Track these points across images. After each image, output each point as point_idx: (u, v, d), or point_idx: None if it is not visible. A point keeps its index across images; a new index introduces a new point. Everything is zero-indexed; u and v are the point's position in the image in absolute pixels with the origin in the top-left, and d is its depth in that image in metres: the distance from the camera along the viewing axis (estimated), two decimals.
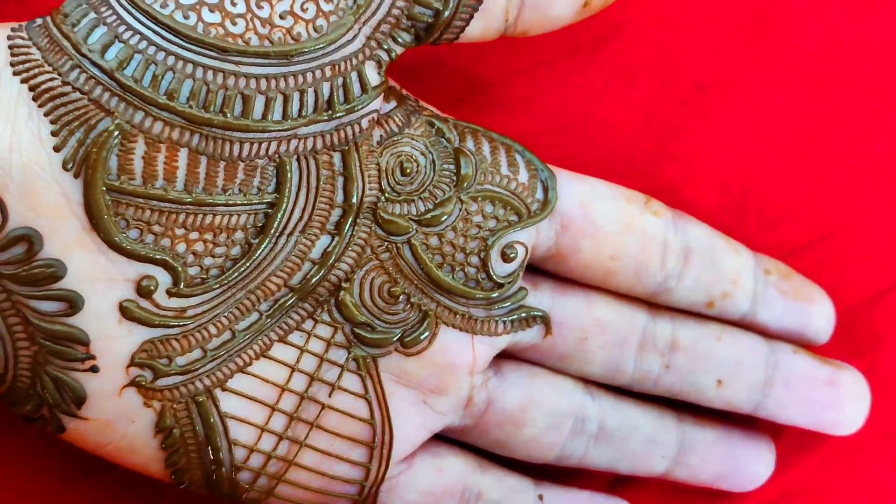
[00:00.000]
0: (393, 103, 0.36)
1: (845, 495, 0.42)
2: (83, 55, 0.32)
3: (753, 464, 0.40)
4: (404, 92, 0.37)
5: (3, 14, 0.35)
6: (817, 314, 0.39)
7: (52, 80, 0.32)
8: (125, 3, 0.33)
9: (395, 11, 0.34)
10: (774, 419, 0.39)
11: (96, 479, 0.40)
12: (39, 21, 0.33)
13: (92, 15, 0.33)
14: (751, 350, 0.39)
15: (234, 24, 0.33)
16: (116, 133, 0.32)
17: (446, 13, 0.35)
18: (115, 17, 0.33)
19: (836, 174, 0.42)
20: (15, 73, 0.32)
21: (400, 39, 0.35)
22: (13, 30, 0.33)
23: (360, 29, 0.34)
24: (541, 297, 0.38)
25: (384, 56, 0.35)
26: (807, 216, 0.42)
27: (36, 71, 0.32)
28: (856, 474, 0.42)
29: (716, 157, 0.41)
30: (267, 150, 0.34)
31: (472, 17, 0.35)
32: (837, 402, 0.39)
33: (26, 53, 0.33)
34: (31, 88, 0.32)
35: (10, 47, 0.33)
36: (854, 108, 0.42)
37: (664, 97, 0.41)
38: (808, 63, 0.42)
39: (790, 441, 0.41)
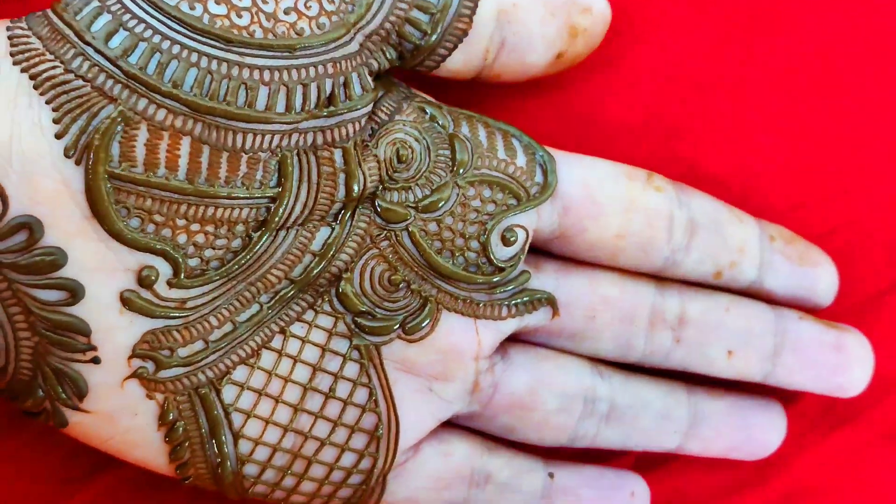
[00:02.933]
0: (381, 92, 0.36)
1: (846, 495, 0.42)
2: (87, 43, 0.32)
3: (766, 432, 0.40)
4: (395, 80, 0.37)
5: (3, 14, 0.35)
6: (822, 277, 0.40)
7: (53, 67, 0.32)
8: None
9: (388, 25, 0.35)
10: (785, 386, 0.39)
11: (96, 482, 0.40)
12: (39, 13, 0.33)
13: (95, 3, 0.33)
14: (759, 319, 0.39)
15: (240, 16, 0.33)
16: (119, 120, 0.32)
17: (433, 37, 0.35)
18: (119, 5, 0.33)
19: (836, 174, 0.42)
20: (15, 63, 0.32)
21: (387, 54, 0.35)
22: (12, 22, 0.33)
23: (354, 35, 0.34)
24: (544, 279, 0.38)
25: (374, 64, 0.35)
26: (806, 216, 0.41)
27: (37, 60, 0.32)
28: (856, 474, 0.42)
29: (716, 157, 0.41)
30: (270, 143, 0.33)
31: (456, 46, 0.36)
32: (845, 365, 0.39)
33: (26, 43, 0.33)
34: (32, 77, 0.32)
35: (10, 38, 0.33)
36: (854, 108, 0.42)
37: (664, 97, 0.41)
38: (808, 62, 0.42)
39: (791, 441, 0.40)
